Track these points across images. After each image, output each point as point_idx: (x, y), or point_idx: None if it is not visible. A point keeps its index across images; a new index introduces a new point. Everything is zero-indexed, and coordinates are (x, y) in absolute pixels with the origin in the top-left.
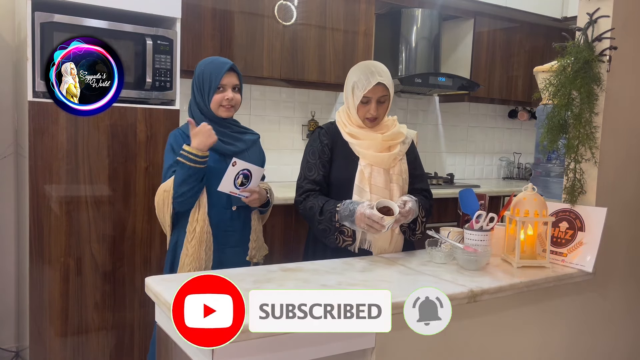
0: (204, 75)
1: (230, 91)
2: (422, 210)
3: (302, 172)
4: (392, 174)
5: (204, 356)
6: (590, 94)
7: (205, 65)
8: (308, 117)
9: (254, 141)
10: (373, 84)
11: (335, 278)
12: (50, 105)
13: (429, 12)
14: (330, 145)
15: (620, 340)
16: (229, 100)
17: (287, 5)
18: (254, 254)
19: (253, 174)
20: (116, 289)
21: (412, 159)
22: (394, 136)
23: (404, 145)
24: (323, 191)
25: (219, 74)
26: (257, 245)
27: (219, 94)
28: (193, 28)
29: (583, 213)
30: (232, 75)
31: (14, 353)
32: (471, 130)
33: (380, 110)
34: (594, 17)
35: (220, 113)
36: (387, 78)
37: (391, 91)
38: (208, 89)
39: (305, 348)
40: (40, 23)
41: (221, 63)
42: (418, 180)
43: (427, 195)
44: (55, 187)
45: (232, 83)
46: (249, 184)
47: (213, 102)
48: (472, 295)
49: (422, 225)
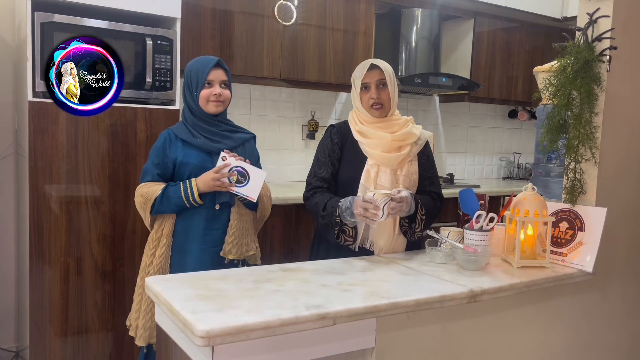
0: (191, 73)
1: (218, 87)
2: (422, 208)
3: (312, 169)
4: (400, 175)
5: (204, 356)
6: (590, 94)
7: (192, 64)
8: (308, 117)
9: (245, 140)
10: (367, 68)
11: (336, 278)
12: (50, 105)
13: (429, 12)
14: (340, 144)
15: (620, 340)
16: (216, 95)
17: (287, 5)
18: (228, 249)
19: (251, 176)
20: (116, 289)
21: (424, 160)
22: (404, 136)
23: (415, 146)
24: (331, 189)
25: (205, 70)
26: (234, 240)
27: (206, 89)
28: (193, 28)
29: (583, 213)
30: (220, 71)
31: (14, 353)
32: (471, 130)
33: (383, 95)
34: (594, 17)
35: (209, 109)
36: (382, 64)
37: (388, 76)
38: (195, 85)
39: (305, 348)
40: (40, 23)
41: (207, 60)
42: (429, 182)
43: (436, 197)
44: (55, 187)
45: (220, 79)
46: (247, 184)
47: (201, 98)
48: (472, 295)
49: (421, 223)
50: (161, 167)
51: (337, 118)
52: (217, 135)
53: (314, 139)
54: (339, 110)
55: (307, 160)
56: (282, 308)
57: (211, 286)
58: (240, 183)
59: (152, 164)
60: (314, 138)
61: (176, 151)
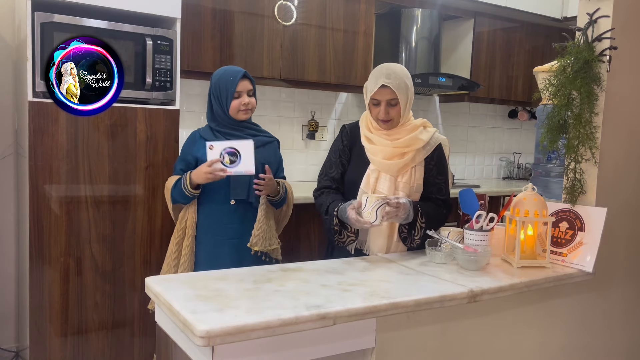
0: (220, 85)
1: (245, 96)
2: (422, 216)
3: (323, 168)
4: (400, 182)
5: (204, 356)
6: (590, 94)
7: (220, 75)
8: (308, 117)
9: (265, 142)
10: (377, 87)
11: (336, 278)
12: (50, 105)
13: (429, 12)
14: (350, 146)
15: (620, 340)
16: (245, 104)
17: (287, 5)
18: (255, 241)
19: (240, 150)
20: (116, 289)
21: (432, 166)
22: (407, 143)
23: (422, 152)
24: (340, 189)
25: (234, 81)
26: (260, 234)
27: (236, 100)
28: (193, 28)
29: (583, 213)
30: (246, 82)
31: (14, 353)
32: (471, 130)
33: (393, 113)
34: (594, 17)
35: (240, 116)
36: (395, 81)
37: (401, 94)
38: (225, 96)
39: (305, 348)
40: (40, 23)
41: (235, 72)
42: (436, 189)
43: (441, 204)
44: (55, 187)
45: (247, 88)
46: (240, 160)
47: (231, 108)
48: (472, 295)
49: (421, 230)
50: (184, 163)
51: (337, 118)
52: (236, 137)
53: (314, 139)
54: (339, 110)
55: (307, 161)
56: (282, 308)
57: (211, 286)
58: (233, 162)
59: (178, 160)
60: (314, 138)
61: (199, 150)
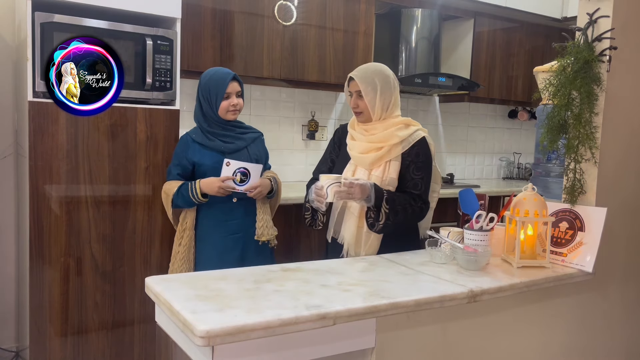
0: (210, 86)
1: (234, 97)
2: (387, 202)
3: (318, 163)
4: (372, 175)
5: (204, 356)
6: (590, 94)
7: (210, 77)
8: (308, 117)
9: (254, 138)
10: (347, 80)
11: (336, 278)
12: (50, 105)
13: (429, 12)
14: (339, 143)
15: (620, 340)
16: (234, 105)
17: (287, 5)
18: (261, 233)
19: (251, 172)
20: (116, 289)
21: (409, 162)
22: (381, 138)
23: (397, 147)
24: None
25: (224, 83)
26: (263, 225)
27: (225, 101)
28: (193, 28)
29: (583, 213)
30: (235, 83)
31: (14, 353)
32: (471, 130)
33: (362, 105)
34: (594, 17)
35: (228, 117)
36: (360, 73)
37: (366, 86)
38: (215, 98)
39: (305, 348)
40: (40, 23)
41: (225, 74)
42: (411, 184)
43: (416, 197)
44: (55, 187)
45: (236, 90)
46: (249, 180)
47: (221, 109)
48: (472, 295)
49: (385, 216)
50: (180, 167)
51: (337, 118)
52: (230, 138)
53: (314, 139)
54: (339, 110)
55: (307, 161)
56: (282, 308)
57: (211, 286)
58: (242, 182)
59: (173, 165)
60: (314, 138)
61: (194, 153)
